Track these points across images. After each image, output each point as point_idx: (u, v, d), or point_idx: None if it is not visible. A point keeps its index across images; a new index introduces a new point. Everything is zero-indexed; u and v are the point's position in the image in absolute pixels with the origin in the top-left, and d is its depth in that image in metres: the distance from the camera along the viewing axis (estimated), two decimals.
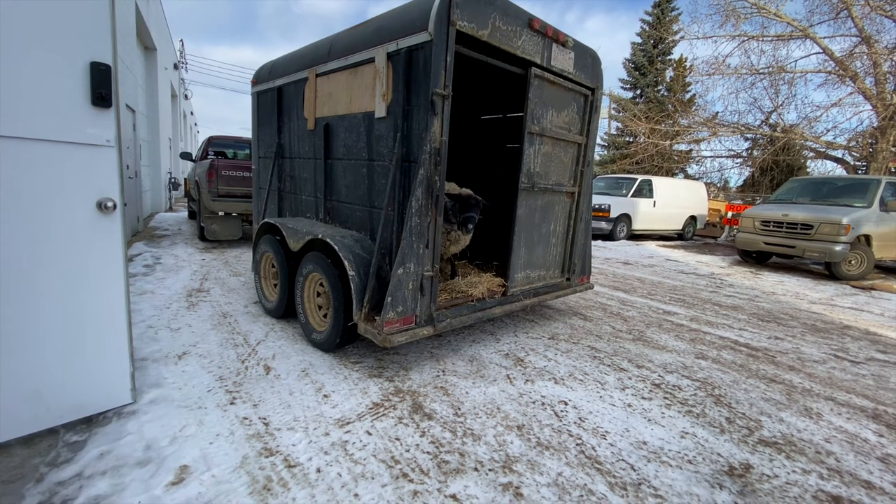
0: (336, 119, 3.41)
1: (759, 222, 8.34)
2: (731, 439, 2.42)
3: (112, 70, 2.02)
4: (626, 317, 4.62)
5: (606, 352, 3.57)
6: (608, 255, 9.15)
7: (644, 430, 2.44)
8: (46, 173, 1.91)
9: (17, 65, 1.79)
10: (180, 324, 3.61)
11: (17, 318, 1.91)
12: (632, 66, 23.16)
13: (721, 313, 5.02)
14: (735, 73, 15.44)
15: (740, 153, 18.45)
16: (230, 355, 3.06)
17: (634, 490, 1.94)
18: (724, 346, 3.92)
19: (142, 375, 2.62)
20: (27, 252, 1.90)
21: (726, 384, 3.11)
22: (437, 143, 2.67)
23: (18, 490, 1.72)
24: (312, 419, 2.32)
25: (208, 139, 9.01)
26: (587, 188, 4.01)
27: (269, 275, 4.06)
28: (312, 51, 3.69)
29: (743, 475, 2.12)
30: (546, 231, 3.75)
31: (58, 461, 1.90)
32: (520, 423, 2.42)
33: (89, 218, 2.03)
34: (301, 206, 4.02)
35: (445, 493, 1.84)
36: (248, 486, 1.81)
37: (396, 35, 2.77)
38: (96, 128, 2.01)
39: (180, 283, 4.88)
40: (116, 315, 2.17)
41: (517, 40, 3.02)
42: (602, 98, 3.99)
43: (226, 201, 6.98)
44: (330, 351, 3.19)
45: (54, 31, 1.86)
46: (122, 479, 1.80)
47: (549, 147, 3.53)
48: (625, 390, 2.90)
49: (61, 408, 2.09)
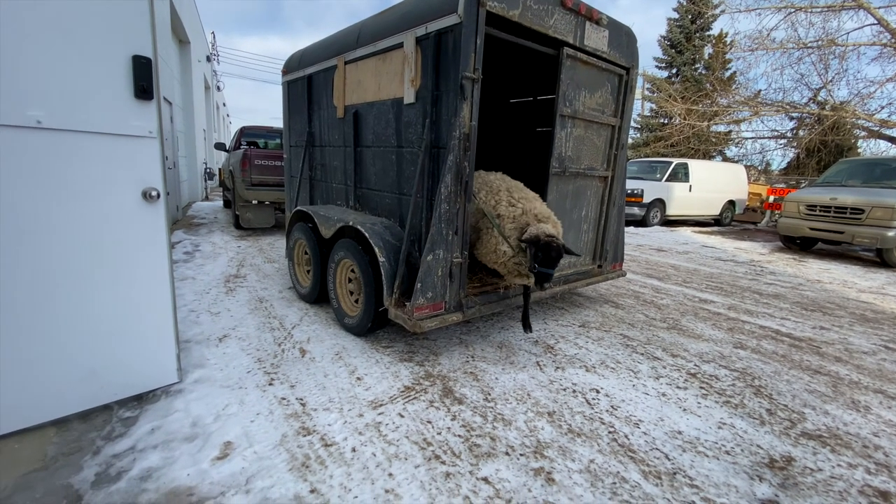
0: (365, 106, 3.43)
1: (805, 206, 7.90)
2: (772, 431, 2.34)
3: (153, 63, 2.08)
4: (660, 305, 4.51)
5: (639, 340, 3.50)
6: (641, 241, 8.91)
7: (679, 419, 2.39)
8: (95, 164, 2.00)
9: (67, 61, 1.87)
10: (220, 308, 3.76)
11: (74, 303, 2.03)
12: (667, 43, 22.12)
13: (761, 302, 4.82)
14: (780, 47, 14.51)
15: (784, 133, 17.44)
16: (267, 338, 3.18)
17: (669, 479, 1.92)
18: (765, 335, 3.77)
19: (186, 356, 2.75)
20: (81, 241, 2.01)
21: (767, 375, 3.00)
22: (467, 128, 2.64)
23: (77, 462, 1.85)
24: (347, 401, 2.39)
25: (241, 129, 9.23)
26: (621, 172, 3.89)
27: (303, 261, 4.17)
28: (341, 38, 3.69)
29: (784, 468, 2.05)
30: (577, 217, 3.68)
31: (112, 435, 2.03)
32: (550, 410, 2.41)
33: (136, 207, 2.12)
34: (332, 194, 4.09)
35: (477, 476, 1.86)
36: (288, 462, 1.89)
37: (425, 18, 2.74)
38: (139, 119, 2.09)
39: (218, 269, 5.07)
40: (163, 299, 2.28)
41: (549, 19, 2.93)
42: (637, 78, 3.84)
43: (259, 190, 7.16)
44: (362, 335, 3.25)
45: (98, 26, 1.93)
46: (172, 452, 1.91)
47: (582, 130, 3.44)
48: (659, 379, 2.85)
49: (114, 386, 2.23)
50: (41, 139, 1.86)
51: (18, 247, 1.86)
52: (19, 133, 1.81)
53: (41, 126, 1.85)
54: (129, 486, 1.72)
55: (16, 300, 1.88)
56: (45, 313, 1.96)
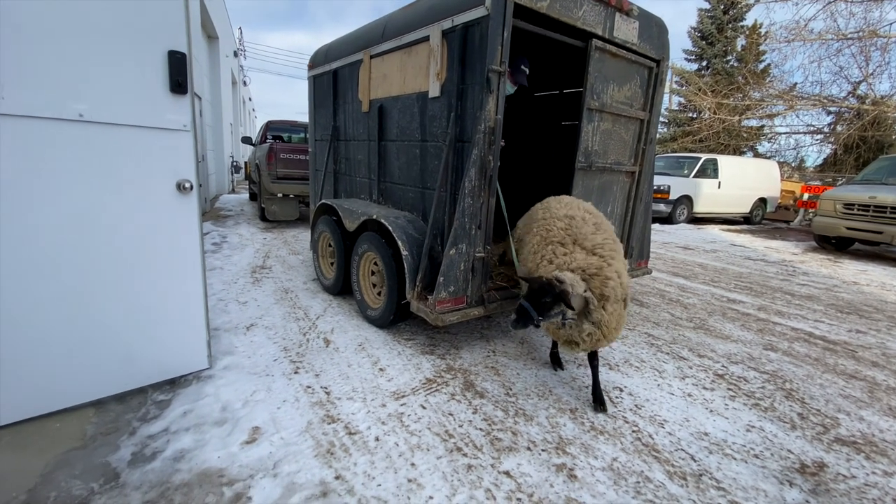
0: (390, 100, 3.44)
1: (842, 205, 7.57)
2: (804, 436, 2.27)
3: (187, 58, 2.14)
4: (687, 304, 4.41)
5: (664, 339, 3.43)
6: (667, 239, 8.71)
7: (706, 420, 2.34)
8: (133, 157, 2.07)
9: (108, 57, 1.94)
10: (247, 298, 3.86)
11: (113, 290, 2.12)
12: (698, 34, 21.40)
13: (793, 303, 4.66)
14: (819, 38, 13.91)
15: (821, 129, 16.72)
16: (293, 328, 3.25)
17: (695, 481, 1.88)
18: (797, 337, 3.65)
19: (215, 344, 2.84)
20: (120, 230, 2.09)
21: (799, 378, 2.91)
22: (492, 121, 2.63)
23: (114, 441, 1.93)
24: (370, 391, 2.43)
25: (267, 123, 9.40)
26: (648, 167, 3.81)
27: (327, 253, 4.23)
28: (367, 32, 3.71)
29: (816, 474, 1.99)
30: (603, 213, 3.60)
31: (147, 417, 2.11)
32: (573, 407, 2.39)
33: (170, 198, 2.19)
34: (355, 188, 4.13)
35: (499, 469, 1.87)
36: (314, 449, 1.93)
37: (452, 11, 2.72)
38: (174, 113, 2.15)
39: (245, 260, 5.20)
40: (195, 288, 2.36)
41: (577, 11, 2.88)
42: (668, 70, 3.73)
43: (284, 183, 7.28)
44: (384, 327, 3.29)
45: (136, 22, 1.98)
46: (203, 435, 1.98)
47: (609, 124, 3.37)
48: (684, 379, 2.79)
49: (149, 370, 2.32)
50: (83, 132, 1.93)
51: (64, 235, 1.95)
52: (63, 126, 1.88)
53: (83, 119, 1.92)
54: (163, 465, 1.79)
55: (62, 286, 1.97)
56: (86, 299, 2.05)
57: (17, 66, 1.75)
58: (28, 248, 1.88)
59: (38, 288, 1.92)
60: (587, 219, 2.48)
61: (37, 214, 1.87)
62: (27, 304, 1.91)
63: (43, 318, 1.95)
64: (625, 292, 2.21)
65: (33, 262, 1.90)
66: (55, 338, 1.99)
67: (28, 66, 1.77)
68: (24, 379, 1.95)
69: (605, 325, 2.15)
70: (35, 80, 1.80)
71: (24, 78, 1.77)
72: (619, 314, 2.20)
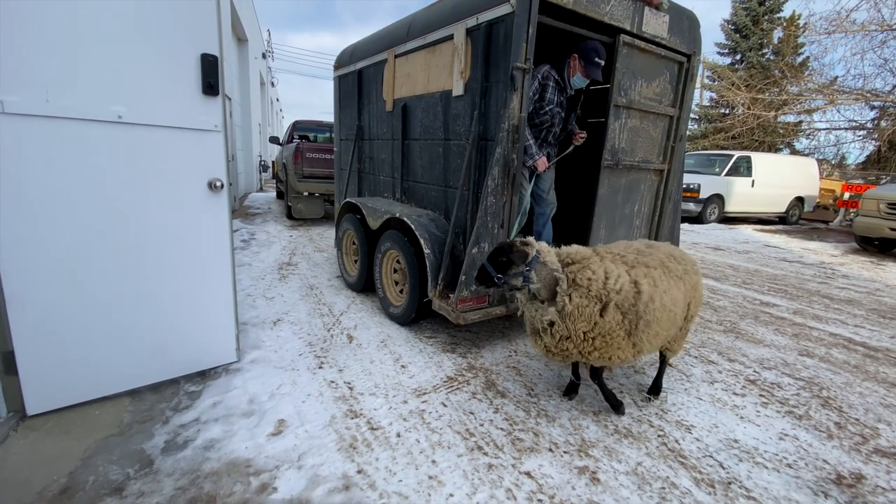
0: (413, 99, 3.46)
1: (886, 205, 7.19)
2: (841, 446, 2.17)
3: (219, 60, 2.20)
4: (716, 306, 4.27)
5: (692, 342, 3.34)
6: (696, 239, 8.45)
7: (735, 427, 2.27)
8: (167, 156, 2.15)
9: (144, 60, 2.02)
10: (274, 293, 3.96)
11: (149, 283, 2.20)
12: (731, 27, 20.64)
13: (832, 307, 4.45)
14: (861, 29, 13.17)
15: (863, 124, 15.85)
16: (317, 324, 3.31)
17: (724, 489, 1.83)
18: (835, 343, 3.48)
19: (243, 338, 2.92)
20: (155, 227, 2.17)
21: (837, 386, 2.78)
22: (516, 119, 2.61)
23: (149, 429, 2.02)
24: (392, 387, 2.46)
25: (293, 123, 9.59)
26: (678, 165, 3.70)
27: (350, 251, 4.30)
28: (392, 32, 3.74)
29: (853, 485, 1.90)
30: (629, 212, 3.55)
31: (179, 407, 2.20)
32: (595, 409, 2.36)
33: (202, 196, 2.27)
34: (379, 186, 4.17)
35: (520, 470, 1.86)
36: (337, 442, 1.97)
37: (477, 9, 2.71)
38: (206, 114, 2.22)
39: (272, 256, 5.33)
40: (225, 283, 2.43)
41: (604, 6, 2.82)
42: (699, 65, 3.62)
43: (310, 182, 7.43)
44: (406, 324, 3.32)
45: (171, 26, 2.06)
46: (232, 426, 2.05)
47: (637, 121, 3.30)
48: (713, 384, 2.71)
49: (181, 362, 2.41)
50: (121, 133, 2.02)
51: (104, 231, 2.04)
52: (103, 127, 1.97)
53: (122, 121, 2.00)
54: (194, 454, 1.86)
55: (102, 280, 2.07)
56: (124, 292, 2.14)
57: (60, 70, 1.84)
58: (72, 243, 1.97)
59: (82, 282, 2.02)
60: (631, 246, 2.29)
61: (80, 211, 1.97)
62: (72, 298, 2.01)
63: (85, 310, 2.05)
64: (609, 297, 1.94)
65: (77, 257, 1.99)
66: (96, 329, 2.09)
67: (71, 71, 1.86)
68: (68, 367, 2.06)
69: (570, 319, 1.94)
70: (78, 84, 1.88)
71: (68, 81, 1.86)
72: (590, 316, 1.93)
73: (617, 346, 2.00)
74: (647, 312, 1.98)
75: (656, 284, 2.03)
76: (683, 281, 2.17)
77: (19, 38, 1.74)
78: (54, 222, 1.92)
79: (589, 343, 1.98)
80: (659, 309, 2.01)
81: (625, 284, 1.98)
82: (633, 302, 1.98)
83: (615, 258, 2.10)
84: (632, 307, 1.97)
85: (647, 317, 1.98)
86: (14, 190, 1.81)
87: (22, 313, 1.91)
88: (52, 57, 1.81)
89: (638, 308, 1.97)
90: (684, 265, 2.23)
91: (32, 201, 1.86)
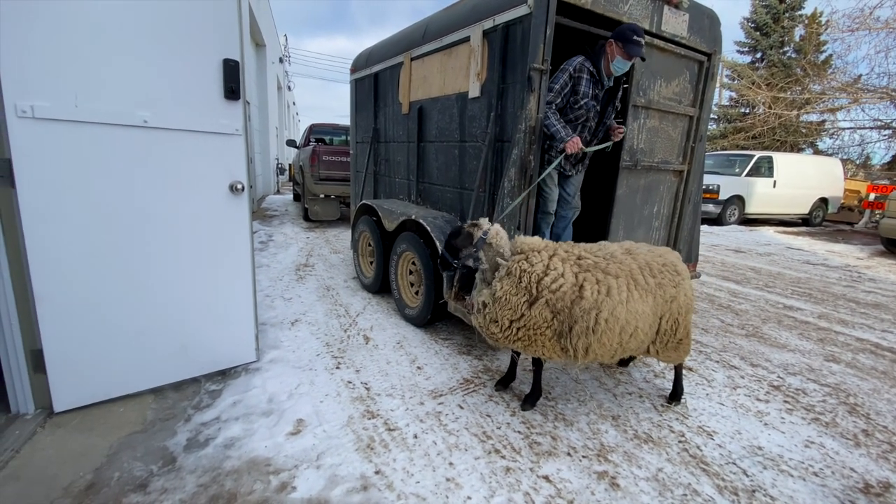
0: (429, 102, 3.47)
1: None
2: (869, 454, 2.10)
3: (240, 66, 2.24)
4: (738, 310, 4.18)
5: (714, 347, 3.27)
6: (716, 241, 8.29)
7: (759, 434, 2.21)
8: (190, 159, 2.19)
9: (169, 66, 2.07)
10: (291, 294, 4.00)
11: (172, 283, 2.25)
12: (751, 25, 20.22)
13: (858, 311, 4.31)
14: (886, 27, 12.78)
15: (889, 123, 15.35)
16: (334, 324, 3.34)
17: (747, 497, 1.78)
18: (863, 349, 3.38)
19: (262, 338, 2.96)
20: (179, 228, 2.22)
21: (864, 392, 2.69)
22: (533, 120, 2.60)
23: (171, 427, 2.06)
24: (408, 388, 2.46)
25: (310, 126, 9.72)
26: (698, 166, 3.64)
27: (366, 253, 4.32)
28: (408, 35, 3.76)
29: (881, 494, 1.84)
30: (648, 213, 3.50)
31: (201, 405, 2.23)
32: (615, 414, 2.33)
33: (224, 199, 2.31)
34: (395, 188, 4.19)
35: (538, 474, 1.84)
36: (354, 443, 1.98)
37: (493, 11, 2.71)
38: (228, 118, 2.26)
39: (290, 258, 5.40)
40: (245, 284, 2.47)
41: (623, 5, 2.79)
42: (719, 64, 3.56)
43: (326, 184, 7.51)
44: (421, 326, 3.32)
45: (195, 32, 2.10)
46: (251, 425, 2.08)
47: (656, 121, 3.25)
48: (736, 389, 2.65)
49: (202, 361, 2.45)
50: (147, 136, 2.06)
51: (129, 232, 2.09)
52: (129, 131, 2.02)
53: (147, 125, 2.05)
54: (215, 452, 1.89)
55: (128, 280, 2.12)
56: (148, 292, 2.19)
57: (89, 76, 1.89)
58: (98, 244, 2.03)
59: (107, 282, 2.07)
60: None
61: (106, 213, 2.02)
62: (98, 298, 2.06)
63: (110, 310, 2.10)
64: (540, 294, 1.92)
65: (103, 258, 2.05)
66: (120, 328, 2.15)
67: (99, 76, 1.91)
68: (94, 365, 2.11)
69: (499, 304, 1.97)
70: (105, 90, 1.94)
71: (96, 87, 1.91)
72: (516, 305, 1.93)
73: (542, 344, 1.99)
74: (586, 319, 1.90)
75: (609, 294, 1.93)
76: (654, 295, 2.05)
77: (49, 46, 1.79)
78: (81, 224, 1.97)
79: (514, 332, 2.00)
80: (610, 319, 1.90)
81: (564, 285, 1.93)
82: (570, 305, 1.92)
83: (569, 258, 2.04)
84: (566, 309, 1.92)
85: (585, 323, 1.90)
86: (43, 192, 1.87)
87: (50, 312, 1.96)
88: (80, 63, 1.86)
89: (574, 312, 1.91)
90: (660, 278, 2.08)
91: (61, 203, 1.92)
